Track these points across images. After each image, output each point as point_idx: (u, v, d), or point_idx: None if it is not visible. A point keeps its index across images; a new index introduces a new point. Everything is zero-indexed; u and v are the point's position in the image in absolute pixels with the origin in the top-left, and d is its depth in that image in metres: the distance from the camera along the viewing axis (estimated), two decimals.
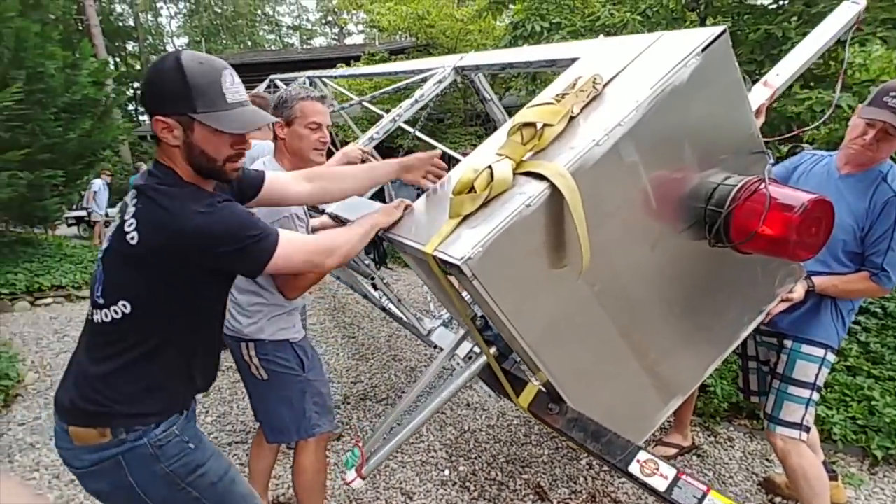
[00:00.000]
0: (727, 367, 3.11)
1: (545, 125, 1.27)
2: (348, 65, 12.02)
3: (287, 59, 15.59)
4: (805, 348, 1.87)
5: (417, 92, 2.58)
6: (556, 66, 1.89)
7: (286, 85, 6.15)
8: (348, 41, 27.13)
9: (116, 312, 1.15)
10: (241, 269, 1.22)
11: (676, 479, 1.16)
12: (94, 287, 1.19)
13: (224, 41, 30.10)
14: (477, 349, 1.78)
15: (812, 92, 2.80)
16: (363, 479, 1.55)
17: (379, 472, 2.60)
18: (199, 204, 1.11)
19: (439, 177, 1.56)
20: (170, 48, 31.90)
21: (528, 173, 1.24)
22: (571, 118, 1.30)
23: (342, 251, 1.31)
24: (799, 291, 1.75)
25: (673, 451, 2.66)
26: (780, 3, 3.80)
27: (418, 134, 3.70)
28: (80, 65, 7.20)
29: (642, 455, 1.27)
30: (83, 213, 11.06)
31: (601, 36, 1.77)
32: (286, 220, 2.63)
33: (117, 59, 27.90)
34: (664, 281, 1.53)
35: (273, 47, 33.15)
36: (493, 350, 1.58)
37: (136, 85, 29.66)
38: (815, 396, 1.89)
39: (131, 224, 1.11)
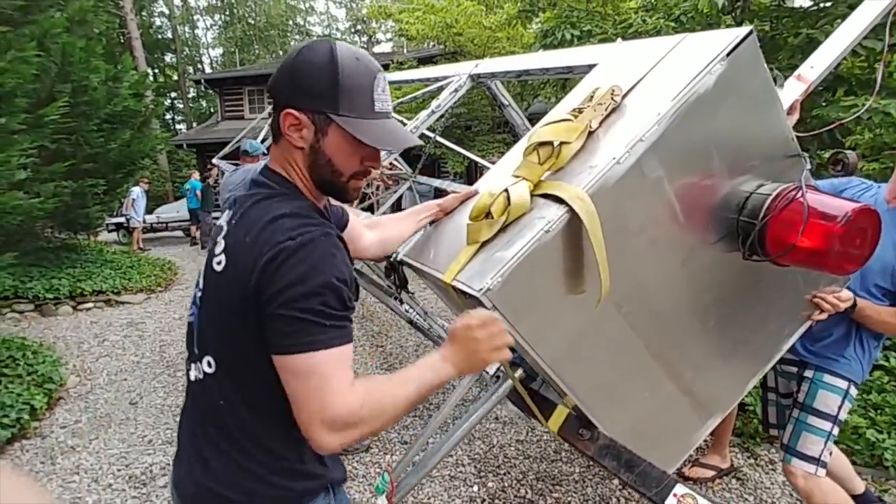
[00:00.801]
0: None
1: (562, 143, 1.23)
2: None
3: None
4: (828, 378, 1.79)
5: (434, 102, 2.58)
6: (574, 73, 1.85)
7: None
8: (377, 49, 27.49)
9: (210, 366, 0.94)
10: (271, 339, 0.85)
11: None
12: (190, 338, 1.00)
13: (256, 51, 30.88)
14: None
15: (858, 98, 2.67)
16: None
17: None
18: (302, 227, 0.86)
19: None
20: (205, 59, 32.94)
21: (546, 195, 1.20)
22: (590, 133, 1.26)
23: (376, 424, 0.87)
24: (847, 294, 1.65)
25: (711, 472, 2.56)
26: (822, 4, 3.66)
27: (439, 139, 3.70)
28: (122, 77, 7.47)
29: (679, 489, 1.22)
30: (122, 219, 11.48)
31: (620, 39, 1.72)
32: None
33: (156, 70, 28.96)
34: (697, 296, 1.47)
35: None
36: (519, 372, 1.55)
37: (173, 95, 30.79)
38: (836, 431, 1.79)
39: (221, 246, 0.92)
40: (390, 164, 6.25)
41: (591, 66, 1.66)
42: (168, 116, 30.25)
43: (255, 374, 0.88)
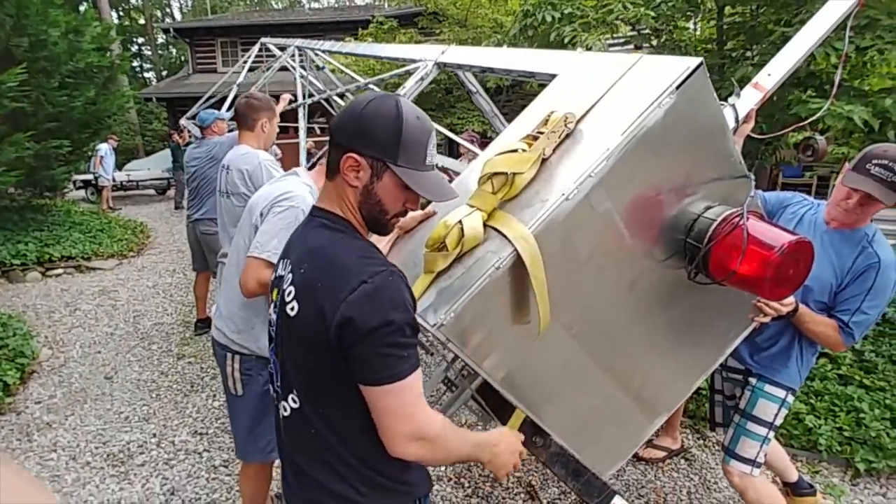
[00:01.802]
0: None
1: (515, 174, 1.28)
2: (356, 31, 11.74)
3: (294, 21, 15.15)
4: (768, 388, 1.92)
5: (400, 90, 2.57)
6: (536, 78, 1.86)
7: (279, 49, 6.00)
8: (358, 0, 26.31)
9: (295, 402, 1.04)
10: (358, 373, 0.96)
11: None
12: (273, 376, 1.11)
13: None
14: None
15: (825, 101, 2.73)
16: None
17: None
18: (373, 268, 0.96)
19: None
20: (175, 4, 31.05)
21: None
22: (544, 160, 1.30)
23: (440, 454, 1.03)
24: (789, 299, 1.74)
25: (662, 453, 2.75)
26: None
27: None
28: (83, 31, 7.07)
29: (617, 500, 1.33)
30: (90, 176, 11.09)
31: (580, 50, 1.72)
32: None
33: (121, 13, 27.28)
34: (645, 311, 1.55)
35: (279, 4, 32.21)
36: (477, 381, 1.63)
37: (140, 41, 29.15)
38: (771, 435, 1.94)
39: (290, 293, 1.01)
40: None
41: (552, 76, 1.68)
42: (136, 64, 28.74)
43: (339, 403, 1.01)
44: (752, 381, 1.95)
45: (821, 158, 2.20)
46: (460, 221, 1.27)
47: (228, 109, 5.30)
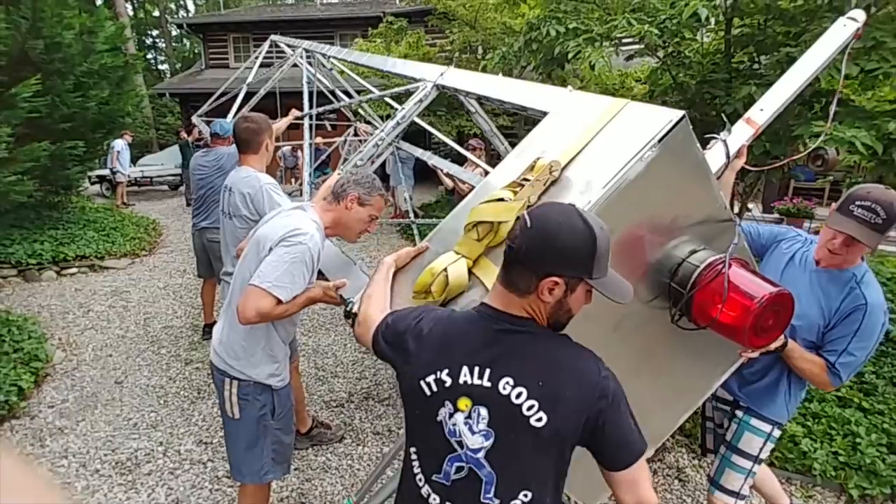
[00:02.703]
0: None
1: (500, 222, 1.31)
2: (366, 27, 11.72)
3: (305, 17, 15.17)
4: (754, 422, 1.93)
5: (399, 112, 2.62)
6: (528, 112, 1.89)
7: (289, 48, 6.03)
8: None
9: (518, 502, 1.07)
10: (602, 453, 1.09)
11: None
12: (484, 487, 1.08)
13: None
14: None
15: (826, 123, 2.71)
16: None
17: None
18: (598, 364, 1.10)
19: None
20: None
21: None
22: (529, 206, 1.34)
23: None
24: (779, 341, 1.74)
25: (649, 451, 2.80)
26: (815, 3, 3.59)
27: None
28: (97, 31, 7.15)
29: None
30: (107, 171, 11.27)
31: (570, 88, 1.73)
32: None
33: (136, 5, 27.49)
34: (629, 352, 1.58)
35: None
36: None
37: (154, 33, 29.38)
38: (756, 468, 1.96)
39: (532, 406, 1.04)
40: (366, 121, 6.17)
41: (543, 113, 1.71)
42: (151, 56, 28.99)
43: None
44: (739, 413, 1.97)
45: (831, 168, 2.20)
46: (445, 269, 1.32)
47: (239, 110, 5.36)
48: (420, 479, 1.14)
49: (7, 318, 4.27)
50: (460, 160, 5.20)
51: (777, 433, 1.94)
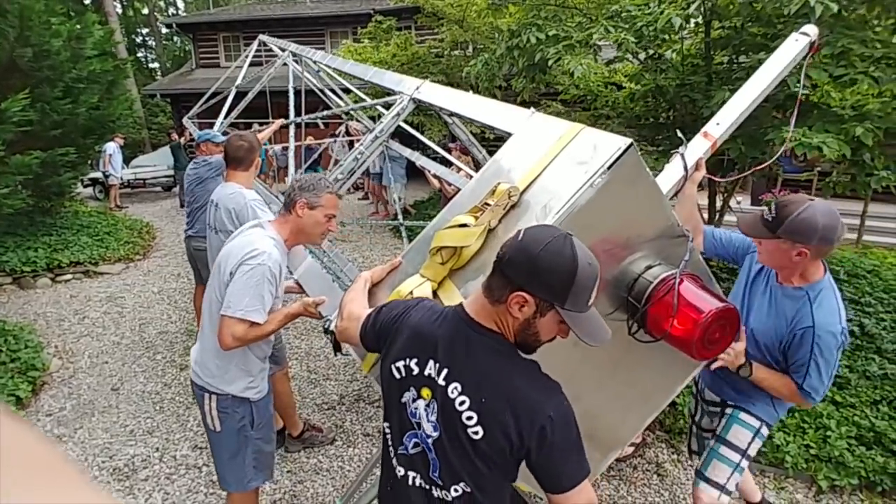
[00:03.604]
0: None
1: (462, 247, 1.41)
2: (356, 25, 11.71)
3: (295, 16, 15.13)
4: (743, 416, 2.00)
5: (378, 126, 2.71)
6: (495, 131, 1.98)
7: (279, 49, 6.08)
8: None
9: (457, 491, 1.17)
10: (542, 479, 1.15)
11: None
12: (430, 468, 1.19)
13: None
14: None
15: (797, 131, 2.80)
16: None
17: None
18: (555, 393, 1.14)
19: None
20: None
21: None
22: (491, 230, 1.44)
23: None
24: (739, 347, 1.78)
25: (630, 448, 2.96)
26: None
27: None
28: (85, 37, 7.16)
29: None
30: (99, 174, 11.28)
31: (532, 111, 1.81)
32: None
33: (124, 3, 27.26)
34: (595, 361, 1.66)
35: None
36: None
37: (144, 31, 29.17)
38: (745, 464, 2.00)
39: (471, 417, 1.11)
40: (356, 119, 6.22)
41: (508, 133, 1.79)
42: (140, 55, 28.81)
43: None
44: (729, 409, 2.04)
45: (812, 163, 2.30)
46: (411, 292, 1.41)
47: (228, 114, 5.41)
48: (391, 452, 1.27)
49: (3, 328, 4.34)
50: (449, 161, 5.28)
51: (765, 431, 1.99)
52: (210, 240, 2.82)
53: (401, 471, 1.23)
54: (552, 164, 1.48)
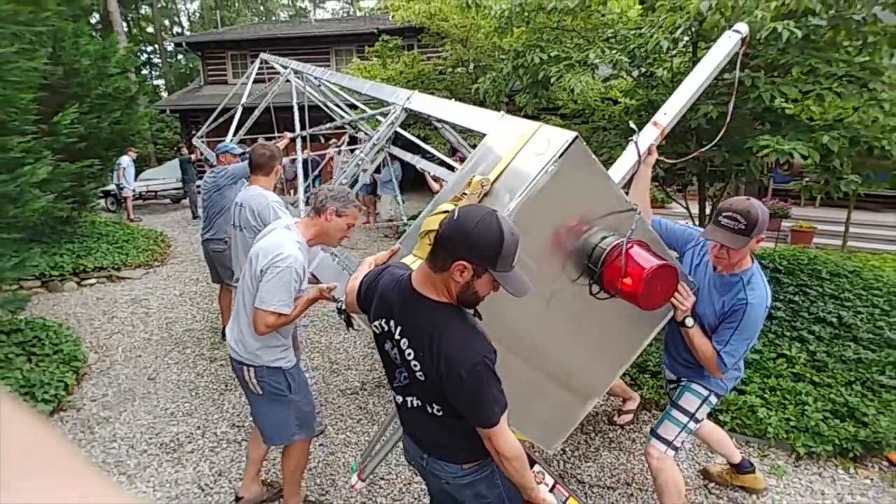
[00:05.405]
0: None
1: None
2: (361, 43, 12.17)
3: (301, 35, 15.67)
4: (694, 386, 2.31)
5: (375, 135, 3.10)
6: (474, 133, 2.35)
7: (280, 67, 6.46)
8: (362, 3, 26.95)
9: (436, 408, 1.49)
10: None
11: (553, 487, 1.72)
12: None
13: (236, 5, 29.84)
14: None
15: (771, 139, 3.18)
16: (363, 480, 2.19)
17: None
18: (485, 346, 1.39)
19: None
20: (182, 14, 31.68)
21: None
22: None
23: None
24: (690, 301, 2.09)
25: (630, 415, 3.33)
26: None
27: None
28: (109, 56, 7.58)
29: (536, 467, 1.81)
30: (112, 187, 11.64)
31: (502, 114, 2.21)
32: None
33: (130, 22, 27.91)
34: (566, 320, 1.96)
35: (284, 14, 32.81)
36: None
37: (149, 49, 29.79)
38: (692, 425, 2.29)
39: (416, 365, 1.43)
40: (360, 129, 6.58)
41: (483, 133, 2.17)
42: (145, 72, 29.39)
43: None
44: (683, 381, 2.37)
45: (796, 173, 2.65)
46: None
47: (238, 129, 5.78)
48: (392, 387, 1.62)
49: (44, 324, 4.65)
50: (453, 166, 5.67)
51: (714, 400, 2.29)
52: (235, 237, 3.17)
53: (400, 398, 1.59)
54: (517, 157, 1.81)
